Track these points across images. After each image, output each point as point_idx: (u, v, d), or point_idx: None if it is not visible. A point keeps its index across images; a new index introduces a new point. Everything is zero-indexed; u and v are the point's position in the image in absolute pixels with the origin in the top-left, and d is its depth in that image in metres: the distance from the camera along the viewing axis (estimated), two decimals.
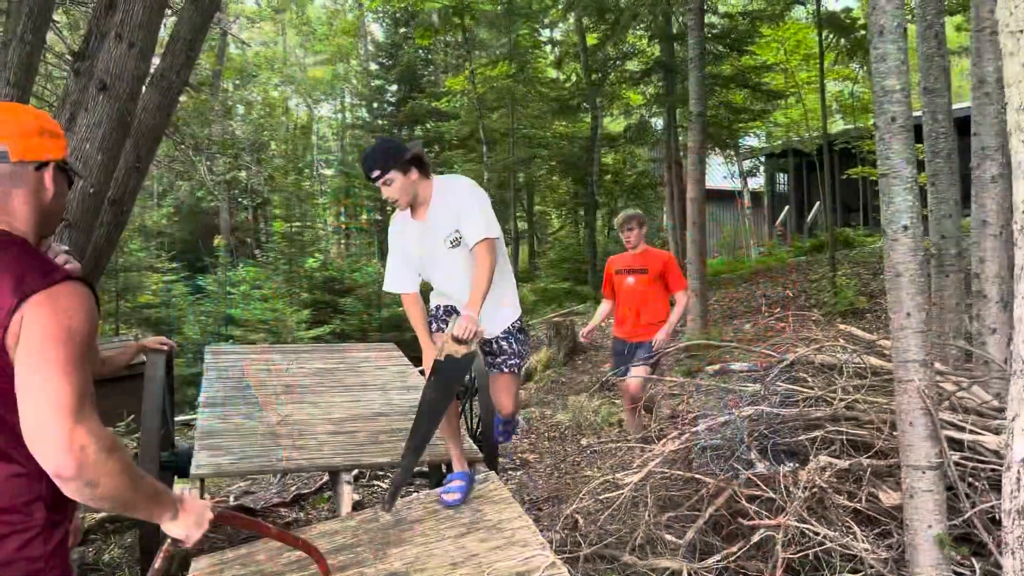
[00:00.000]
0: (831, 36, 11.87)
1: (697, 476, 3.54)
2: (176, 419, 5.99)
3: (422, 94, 21.57)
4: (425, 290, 3.79)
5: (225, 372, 5.36)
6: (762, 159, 23.15)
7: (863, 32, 11.84)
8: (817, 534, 3.10)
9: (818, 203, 21.14)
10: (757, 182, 24.75)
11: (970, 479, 3.22)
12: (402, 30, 23.39)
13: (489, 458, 4.51)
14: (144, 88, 5.31)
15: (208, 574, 3.37)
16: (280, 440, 4.35)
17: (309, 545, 2.18)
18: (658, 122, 19.10)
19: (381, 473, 6.74)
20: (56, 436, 1.38)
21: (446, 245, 3.53)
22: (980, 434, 3.38)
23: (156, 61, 5.64)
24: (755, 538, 3.36)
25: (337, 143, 29.09)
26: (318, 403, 5.01)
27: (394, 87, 24.19)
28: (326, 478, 6.67)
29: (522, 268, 20.81)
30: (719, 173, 23.09)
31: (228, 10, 22.19)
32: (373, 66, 26.24)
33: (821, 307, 10.48)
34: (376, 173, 3.46)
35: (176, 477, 4.57)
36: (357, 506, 4.34)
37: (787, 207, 22.85)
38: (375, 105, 24.80)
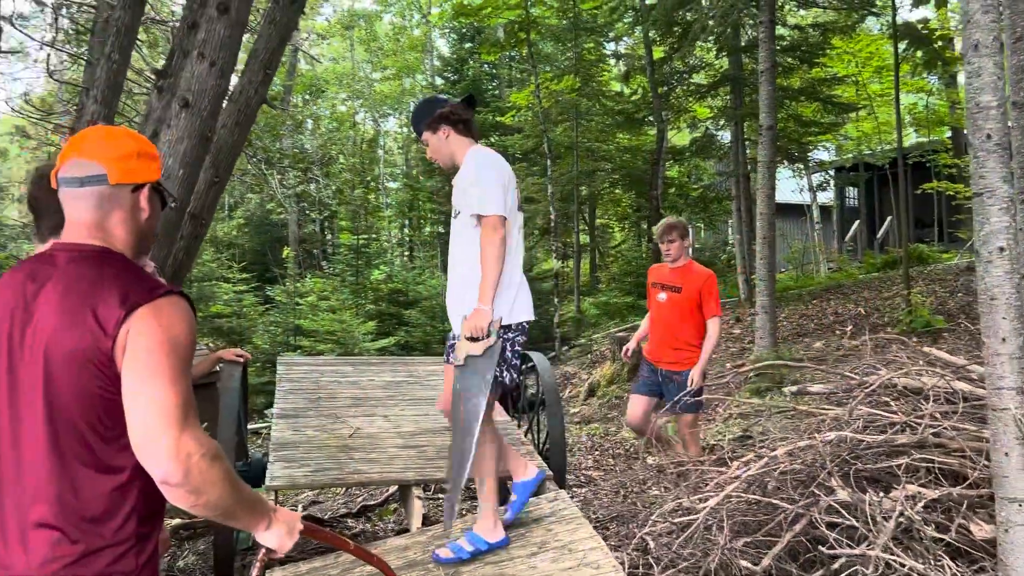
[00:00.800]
0: (907, 47, 11.56)
1: (774, 502, 3.45)
2: (247, 427, 6.10)
3: (487, 108, 21.71)
4: None
5: (298, 384, 5.43)
6: (831, 173, 22.67)
7: (941, 43, 11.51)
8: (903, 565, 2.99)
9: (890, 218, 20.60)
10: (826, 196, 24.24)
11: None
12: (467, 45, 23.60)
13: (558, 475, 4.47)
14: (224, 105, 5.45)
15: None
16: (352, 453, 4.39)
17: (384, 563, 2.19)
18: (725, 135, 18.88)
19: (448, 487, 6.75)
20: (164, 444, 1.41)
21: (454, 213, 3.42)
22: None
23: (234, 79, 5.79)
24: (835, 566, 3.26)
25: (402, 156, 29.46)
26: (388, 416, 5.04)
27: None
28: (392, 490, 6.71)
29: (584, 282, 20.71)
30: (788, 187, 22.67)
31: (299, 27, 22.71)
32: (439, 81, 26.53)
33: (895, 325, 10.17)
34: (416, 135, 3.47)
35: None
36: (426, 520, 4.34)
37: (857, 222, 22.31)
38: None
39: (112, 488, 1.51)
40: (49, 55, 13.69)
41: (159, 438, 1.42)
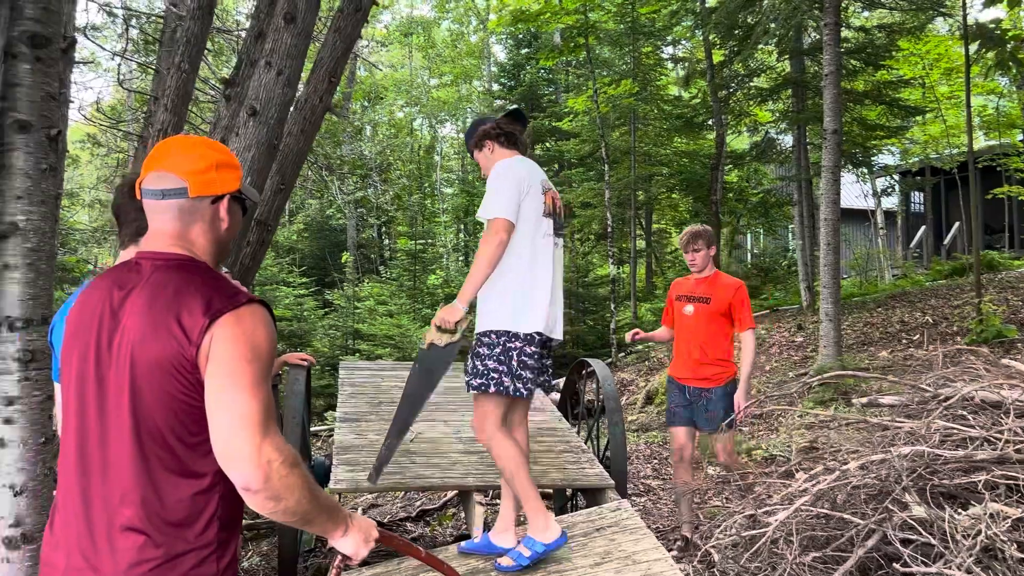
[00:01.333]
0: (979, 48, 11.21)
1: (846, 516, 3.36)
2: (310, 429, 6.19)
3: (543, 113, 21.72)
4: None
5: (359, 388, 5.49)
6: (896, 177, 22.11)
7: (1014, 44, 11.13)
8: None
9: (957, 223, 20.01)
10: (891, 201, 23.64)
11: None
12: (524, 51, 23.66)
13: (619, 484, 4.42)
14: (289, 112, 5.55)
15: None
16: (414, 458, 4.41)
17: (454, 572, 2.19)
18: (786, 139, 18.56)
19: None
20: (246, 451, 1.43)
21: None
22: None
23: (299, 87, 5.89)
24: None
25: (458, 162, 29.65)
26: (448, 421, 5.06)
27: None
28: (450, 495, 6.73)
29: (640, 287, 20.56)
30: (851, 192, 22.18)
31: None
32: (495, 87, 26.65)
33: (964, 335, 9.86)
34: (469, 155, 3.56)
35: None
36: (487, 527, 4.33)
37: (923, 227, 21.72)
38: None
39: (195, 493, 1.53)
40: (120, 65, 14.14)
41: (241, 445, 1.44)
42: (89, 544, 1.52)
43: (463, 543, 3.66)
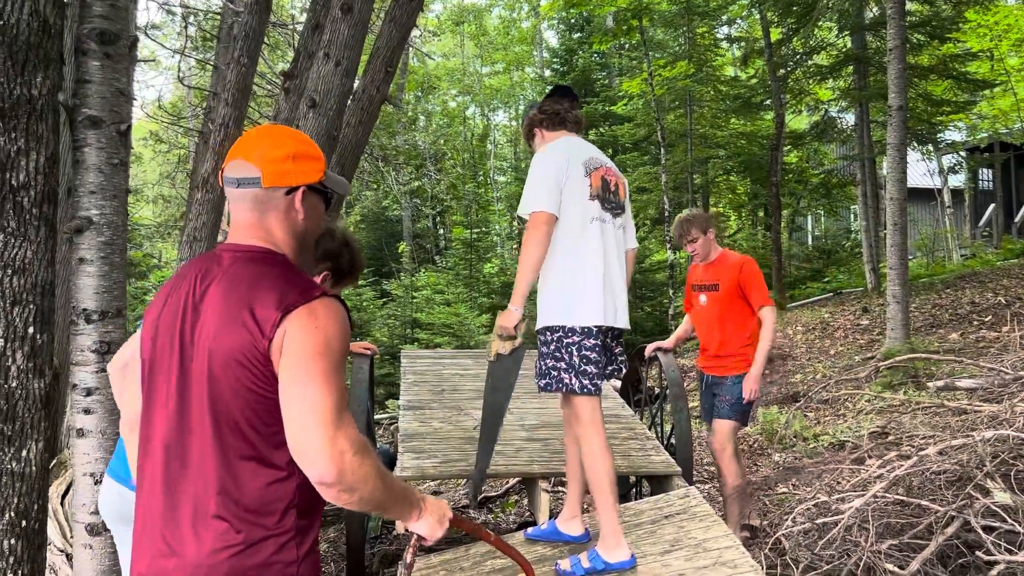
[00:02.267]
0: None
1: (924, 503, 3.26)
2: (374, 418, 6.25)
3: (596, 98, 21.53)
4: None
5: (422, 376, 5.52)
6: (964, 154, 21.38)
7: None
8: None
9: None
10: (958, 179, 22.89)
11: None
12: (576, 35, 23.45)
13: (685, 470, 4.37)
14: (348, 103, 5.58)
15: None
16: (477, 445, 4.41)
17: (521, 556, 2.19)
18: (847, 117, 18.07)
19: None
20: (319, 444, 1.44)
21: None
22: None
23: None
24: (993, 573, 3.06)
25: (511, 150, 29.61)
26: (511, 409, 5.05)
27: None
28: (512, 482, 6.74)
29: None
30: (917, 170, 21.52)
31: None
32: (548, 73, 26.50)
33: None
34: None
35: None
36: (552, 514, 4.32)
37: (992, 205, 20.99)
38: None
39: (271, 482, 1.54)
40: (179, 62, 14.43)
41: (313, 439, 1.44)
42: (172, 530, 1.54)
43: (529, 529, 3.65)
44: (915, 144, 17.17)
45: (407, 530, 1.71)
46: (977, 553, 3.06)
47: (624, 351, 3.43)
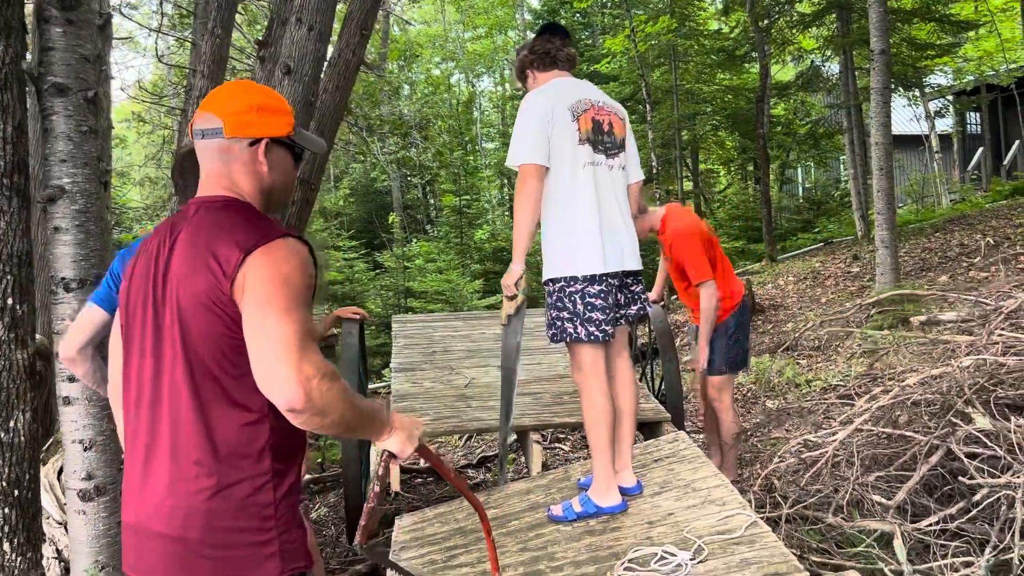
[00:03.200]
0: None
1: (907, 434, 3.31)
2: (368, 387, 6.29)
3: (581, 58, 21.37)
4: None
5: (412, 339, 5.55)
6: (950, 98, 21.29)
7: None
8: None
9: (1018, 142, 19.26)
10: (946, 124, 22.80)
11: None
12: None
13: (676, 418, 4.42)
14: (324, 71, 5.54)
15: (411, 529, 3.51)
16: (469, 402, 4.46)
17: (476, 499, 2.14)
18: (832, 67, 17.96)
19: (562, 435, 6.81)
20: (284, 371, 1.44)
21: None
22: None
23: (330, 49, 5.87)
24: (976, 497, 3.11)
25: (498, 115, 29.42)
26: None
27: None
28: (509, 440, 6.81)
29: None
30: (903, 116, 21.46)
31: None
32: (530, 35, 26.25)
33: None
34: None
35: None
36: (545, 466, 4.38)
37: (981, 149, 20.95)
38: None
39: (244, 424, 1.57)
40: (157, 40, 14.27)
41: (278, 367, 1.45)
42: (151, 478, 1.57)
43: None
44: (901, 90, 17.09)
45: (381, 451, 1.72)
46: (960, 479, 3.11)
47: (644, 289, 3.35)
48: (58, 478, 4.20)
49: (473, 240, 18.54)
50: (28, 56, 2.62)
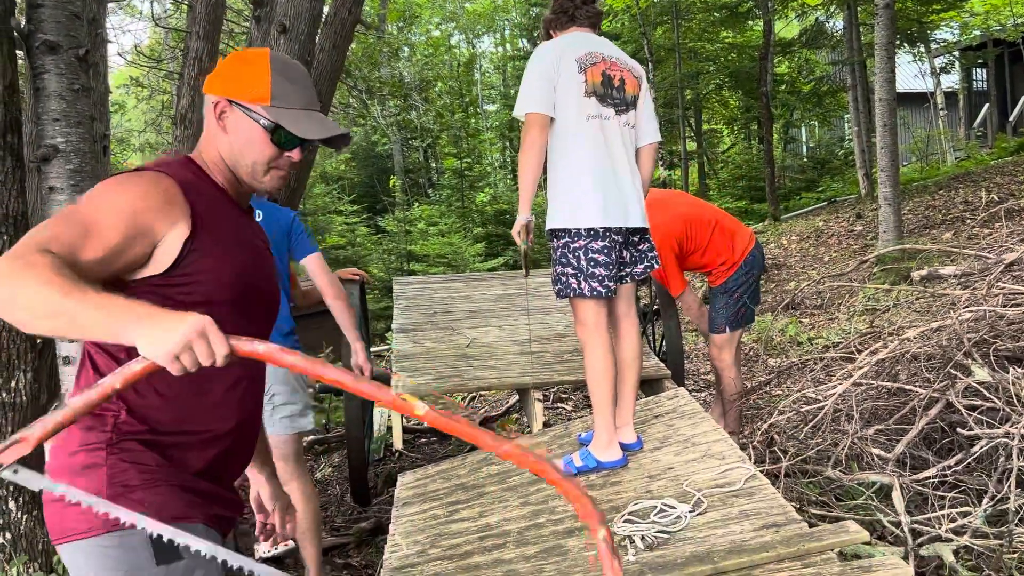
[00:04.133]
0: None
1: (906, 387, 3.31)
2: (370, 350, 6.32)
3: None
4: None
5: (414, 300, 5.56)
6: (956, 54, 21.03)
7: None
8: None
9: None
10: (951, 80, 22.53)
11: None
12: None
13: (676, 375, 4.44)
14: (320, 30, 5.49)
15: (413, 486, 3.55)
16: (471, 361, 4.47)
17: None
18: (837, 24, 17.72)
19: (564, 395, 6.84)
20: None
21: None
22: None
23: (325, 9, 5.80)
24: (975, 449, 3.12)
25: (499, 77, 29.15)
26: (503, 326, 5.10)
27: None
28: (512, 401, 6.85)
29: (693, 190, 20.20)
30: (908, 72, 21.22)
31: None
32: None
33: None
34: None
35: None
36: (546, 424, 4.40)
37: (987, 105, 20.72)
38: (535, 34, 24.57)
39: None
40: (153, 4, 14.10)
41: None
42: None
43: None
44: (906, 46, 16.89)
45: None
46: (959, 431, 3.12)
47: (652, 247, 3.31)
48: None
49: (475, 203, 18.49)
50: (17, 15, 2.59)
